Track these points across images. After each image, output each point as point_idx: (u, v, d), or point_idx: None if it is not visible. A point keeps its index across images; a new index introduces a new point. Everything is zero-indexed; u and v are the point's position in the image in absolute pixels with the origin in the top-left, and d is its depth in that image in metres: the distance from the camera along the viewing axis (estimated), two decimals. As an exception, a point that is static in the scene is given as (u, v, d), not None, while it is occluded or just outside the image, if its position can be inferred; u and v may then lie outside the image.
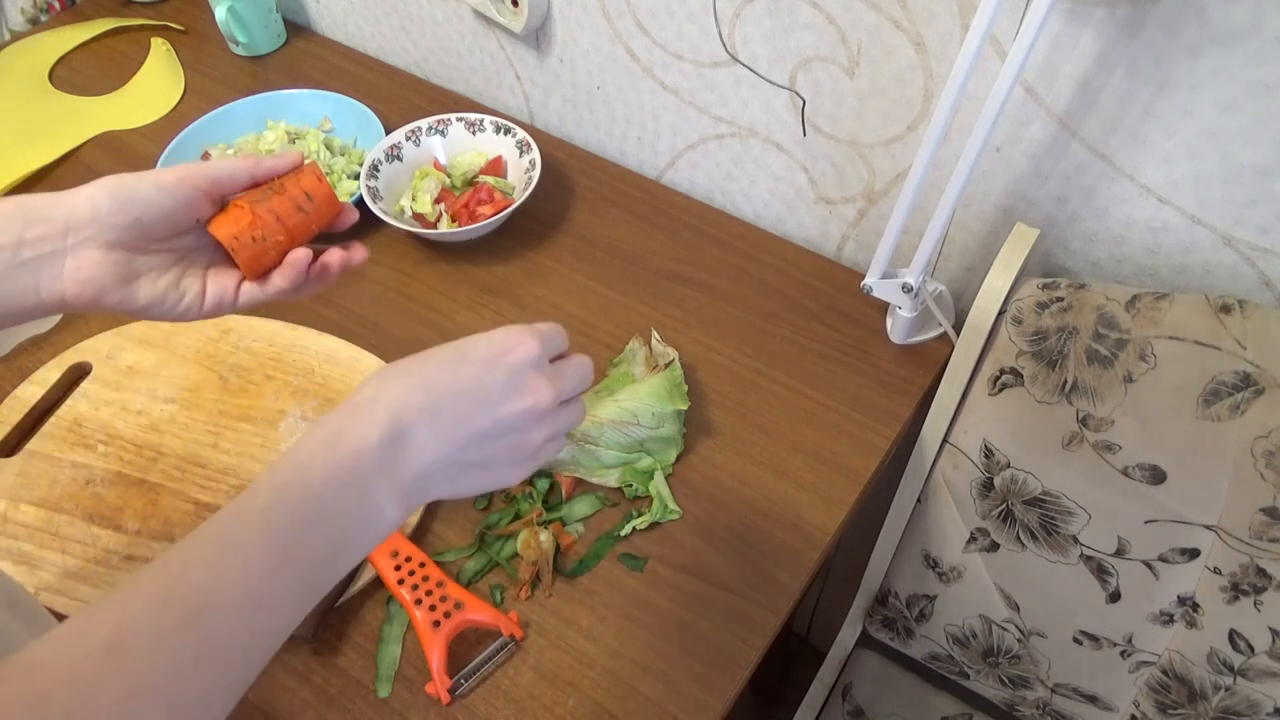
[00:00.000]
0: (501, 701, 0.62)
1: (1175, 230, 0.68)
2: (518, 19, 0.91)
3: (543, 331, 0.49)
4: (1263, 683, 0.73)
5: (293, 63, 1.11)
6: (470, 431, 0.46)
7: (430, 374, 0.46)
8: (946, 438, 0.79)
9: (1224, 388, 0.63)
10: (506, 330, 0.49)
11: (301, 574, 0.42)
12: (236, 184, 0.54)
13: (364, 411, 0.44)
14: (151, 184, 0.50)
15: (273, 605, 0.41)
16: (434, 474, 0.45)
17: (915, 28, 0.70)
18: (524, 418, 0.47)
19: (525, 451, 0.48)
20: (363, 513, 0.43)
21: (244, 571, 0.40)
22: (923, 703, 0.99)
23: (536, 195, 0.90)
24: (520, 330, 0.49)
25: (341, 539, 0.43)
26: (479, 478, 0.48)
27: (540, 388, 0.47)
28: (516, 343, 0.48)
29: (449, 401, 0.45)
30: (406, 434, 0.44)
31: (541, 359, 0.48)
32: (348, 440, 0.43)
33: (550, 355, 0.50)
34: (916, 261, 0.73)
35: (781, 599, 0.67)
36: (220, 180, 0.53)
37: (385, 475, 0.43)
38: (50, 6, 1.20)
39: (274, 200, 0.54)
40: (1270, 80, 0.58)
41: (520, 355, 0.47)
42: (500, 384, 0.46)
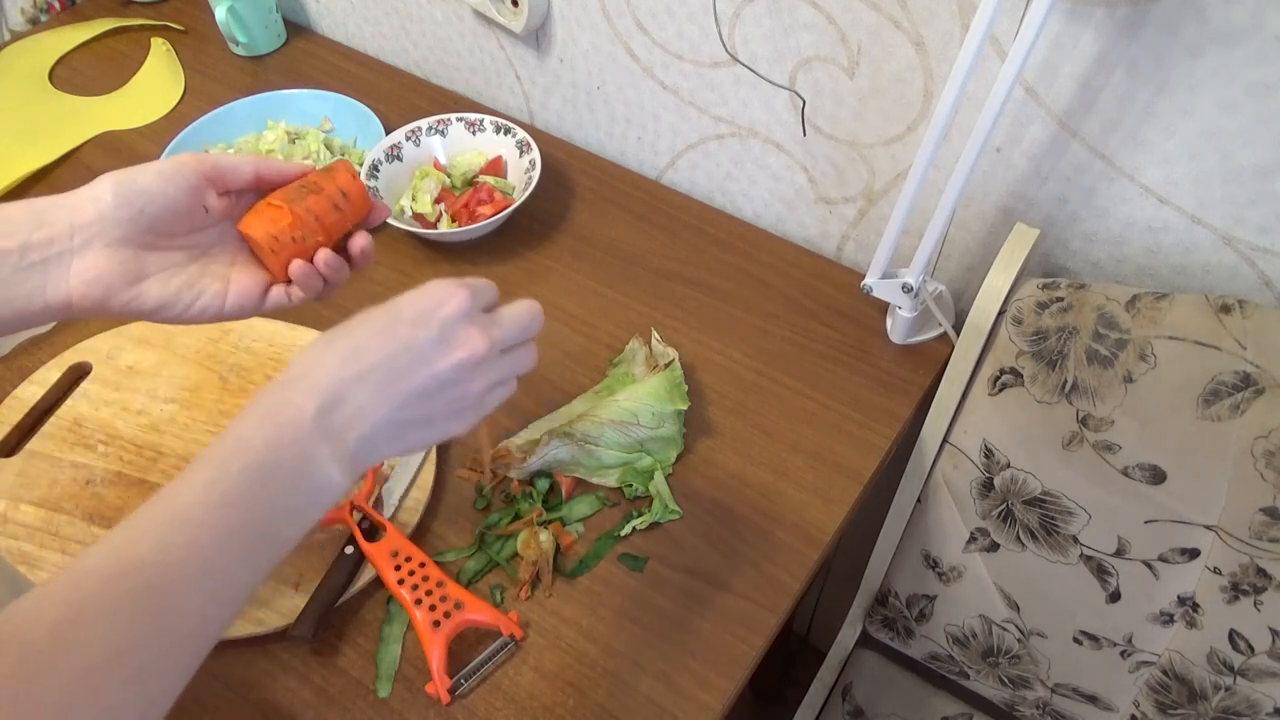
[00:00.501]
0: (501, 701, 0.62)
1: (1175, 230, 0.68)
2: (518, 19, 0.91)
3: (471, 283, 0.49)
4: (1263, 683, 0.73)
5: (293, 63, 1.11)
6: (407, 390, 0.46)
7: (362, 339, 0.47)
8: (946, 438, 0.79)
9: (1224, 388, 0.63)
10: (435, 284, 0.49)
11: (249, 542, 0.42)
12: (241, 177, 0.54)
13: (299, 383, 0.45)
14: (153, 173, 0.50)
15: (223, 575, 0.41)
16: (375, 435, 0.46)
17: (915, 28, 0.70)
18: (459, 370, 0.47)
19: (467, 402, 0.49)
20: (306, 480, 0.44)
21: (191, 545, 0.40)
22: (923, 703, 0.99)
23: (536, 195, 0.90)
24: (448, 283, 0.49)
25: (287, 507, 0.44)
26: (423, 433, 0.48)
27: (473, 338, 0.48)
28: (446, 296, 0.48)
29: (383, 363, 0.46)
30: (343, 400, 0.45)
31: (472, 310, 0.48)
32: (285, 411, 0.44)
33: (483, 305, 0.50)
34: (916, 261, 0.73)
35: (781, 599, 0.67)
36: (224, 171, 0.53)
37: (325, 442, 0.44)
38: (50, 6, 1.20)
39: (311, 199, 0.53)
40: (1270, 80, 0.58)
41: (451, 308, 0.47)
42: (433, 340, 0.47)
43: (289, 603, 0.65)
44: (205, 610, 0.41)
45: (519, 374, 0.52)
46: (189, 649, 0.40)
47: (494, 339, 0.49)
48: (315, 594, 0.64)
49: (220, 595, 0.42)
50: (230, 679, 0.63)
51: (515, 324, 0.51)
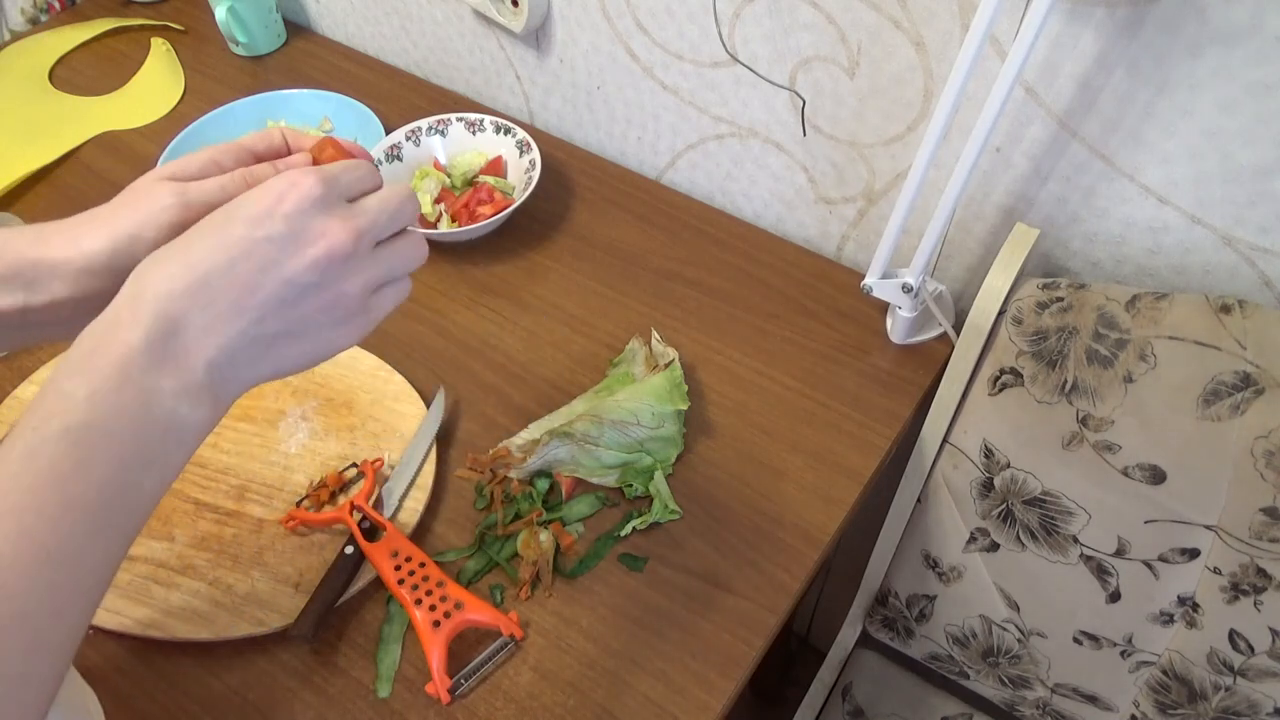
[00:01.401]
0: (501, 701, 0.62)
1: (1175, 230, 0.68)
2: (518, 19, 0.91)
3: (327, 169, 0.43)
4: (1263, 683, 0.73)
5: (293, 63, 1.11)
6: (258, 300, 0.40)
7: (193, 249, 0.40)
8: (946, 438, 0.79)
9: (1224, 388, 0.63)
10: (277, 178, 0.42)
11: (94, 513, 0.37)
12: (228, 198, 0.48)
13: (123, 313, 0.38)
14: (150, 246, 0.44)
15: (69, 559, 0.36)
16: (232, 358, 0.40)
17: (915, 28, 0.70)
18: (317, 269, 0.41)
19: (346, 307, 0.43)
20: (150, 424, 0.38)
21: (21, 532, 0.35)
22: (923, 703, 0.99)
23: (536, 195, 0.90)
24: (292, 173, 0.42)
25: (135, 459, 0.38)
26: (299, 349, 0.42)
27: (330, 229, 0.41)
28: (287, 187, 0.41)
29: (221, 273, 0.39)
30: (178, 324, 0.38)
31: (326, 198, 0.41)
32: (109, 350, 0.38)
33: (344, 193, 0.43)
34: (916, 261, 0.73)
35: (781, 599, 0.67)
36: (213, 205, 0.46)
37: (165, 375, 0.38)
38: (50, 6, 1.20)
39: None
40: (1270, 80, 0.58)
41: (295, 200, 0.41)
42: (278, 237, 0.40)
43: (289, 603, 0.65)
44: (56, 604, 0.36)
45: (408, 269, 0.45)
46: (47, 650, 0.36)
47: (358, 228, 0.42)
48: (315, 594, 0.64)
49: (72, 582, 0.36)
50: (230, 679, 0.63)
51: (382, 210, 0.44)
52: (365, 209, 0.43)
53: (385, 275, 0.44)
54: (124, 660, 0.64)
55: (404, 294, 0.46)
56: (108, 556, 0.38)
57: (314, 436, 0.75)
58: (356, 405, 0.77)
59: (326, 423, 0.76)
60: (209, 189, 0.45)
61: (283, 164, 0.48)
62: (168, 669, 0.64)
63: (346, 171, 0.44)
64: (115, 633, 0.64)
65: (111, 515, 0.38)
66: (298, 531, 0.69)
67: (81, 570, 0.37)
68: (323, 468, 0.73)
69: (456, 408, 0.78)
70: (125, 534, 0.39)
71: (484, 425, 0.76)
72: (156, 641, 0.64)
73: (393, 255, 0.44)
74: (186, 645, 0.64)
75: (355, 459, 0.73)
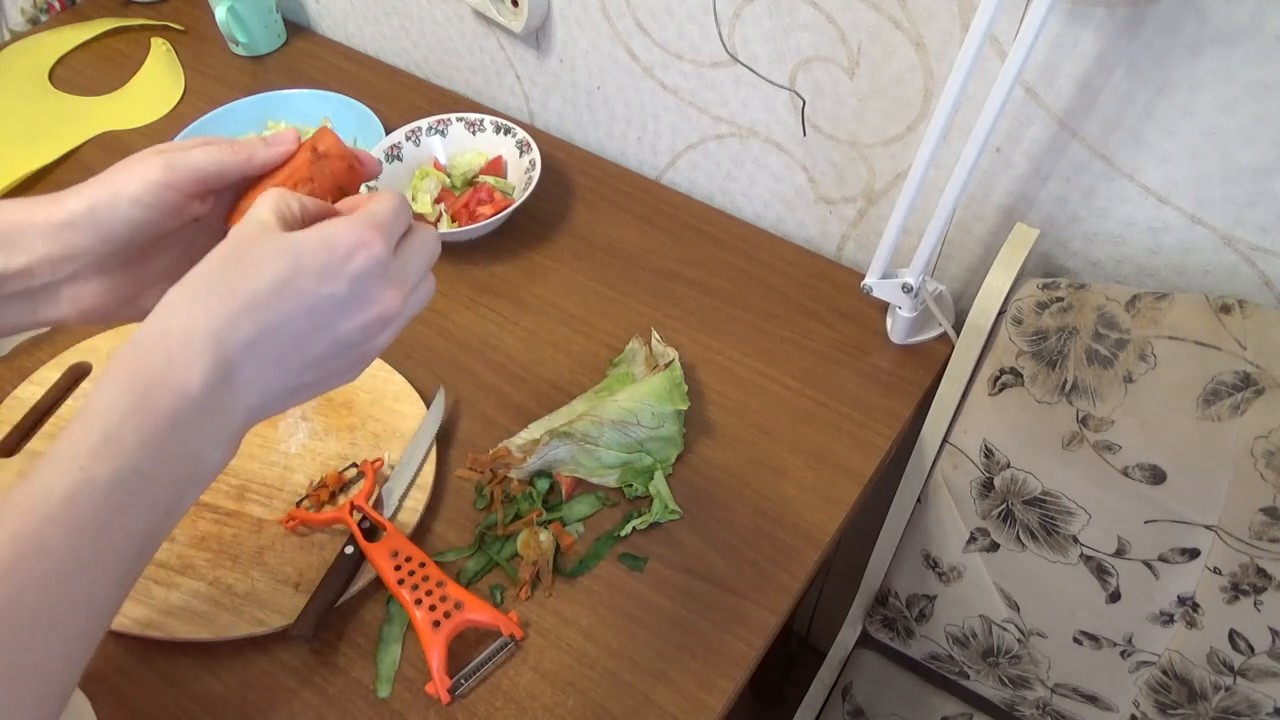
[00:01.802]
0: (501, 701, 0.62)
1: (1175, 230, 0.68)
2: (518, 19, 0.91)
3: (387, 223, 0.42)
4: (1263, 683, 0.73)
5: (293, 63, 1.11)
6: (307, 358, 0.40)
7: (258, 295, 0.38)
8: (946, 438, 0.79)
9: (1224, 388, 0.63)
10: (347, 228, 0.41)
11: (127, 560, 0.36)
12: (227, 180, 0.47)
13: (178, 348, 0.37)
14: (131, 202, 0.44)
15: (88, 604, 0.36)
16: (266, 405, 0.40)
17: (915, 28, 0.70)
18: (367, 332, 0.41)
19: (367, 359, 0.43)
20: (188, 468, 0.37)
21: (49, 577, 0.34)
22: (923, 703, 0.99)
23: (536, 195, 0.90)
24: (362, 227, 0.41)
25: (167, 505, 0.37)
26: (311, 393, 0.43)
27: (388, 297, 0.41)
28: (358, 245, 0.40)
29: (282, 326, 0.38)
30: (234, 372, 0.38)
31: (386, 257, 0.41)
32: (164, 388, 0.36)
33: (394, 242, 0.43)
34: (916, 261, 0.73)
35: (781, 599, 0.67)
36: (208, 180, 0.46)
37: (211, 421, 0.37)
38: (50, 6, 1.20)
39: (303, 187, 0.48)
40: (1270, 80, 0.58)
41: (363, 261, 0.40)
42: (341, 299, 0.40)
43: (289, 603, 0.65)
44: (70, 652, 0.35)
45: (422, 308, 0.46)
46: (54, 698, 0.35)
47: (406, 294, 0.42)
48: (315, 594, 0.64)
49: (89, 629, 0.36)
50: (230, 679, 0.63)
51: (422, 260, 0.44)
52: (413, 271, 0.43)
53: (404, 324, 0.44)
54: (124, 660, 0.64)
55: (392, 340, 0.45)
56: (119, 601, 0.38)
57: (314, 436, 0.75)
58: (356, 405, 0.77)
59: (326, 423, 0.76)
60: (196, 154, 0.45)
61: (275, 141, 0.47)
62: (168, 669, 0.64)
63: (397, 224, 0.43)
64: (115, 633, 0.64)
65: (132, 565, 0.37)
66: (298, 531, 0.69)
67: (98, 619, 0.36)
68: (323, 468, 0.73)
69: (456, 408, 0.78)
70: (135, 579, 0.38)
71: (484, 425, 0.76)
72: (156, 641, 0.64)
73: (416, 300, 0.44)
74: (186, 645, 0.64)
75: (355, 459, 0.73)
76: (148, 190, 0.44)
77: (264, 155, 0.47)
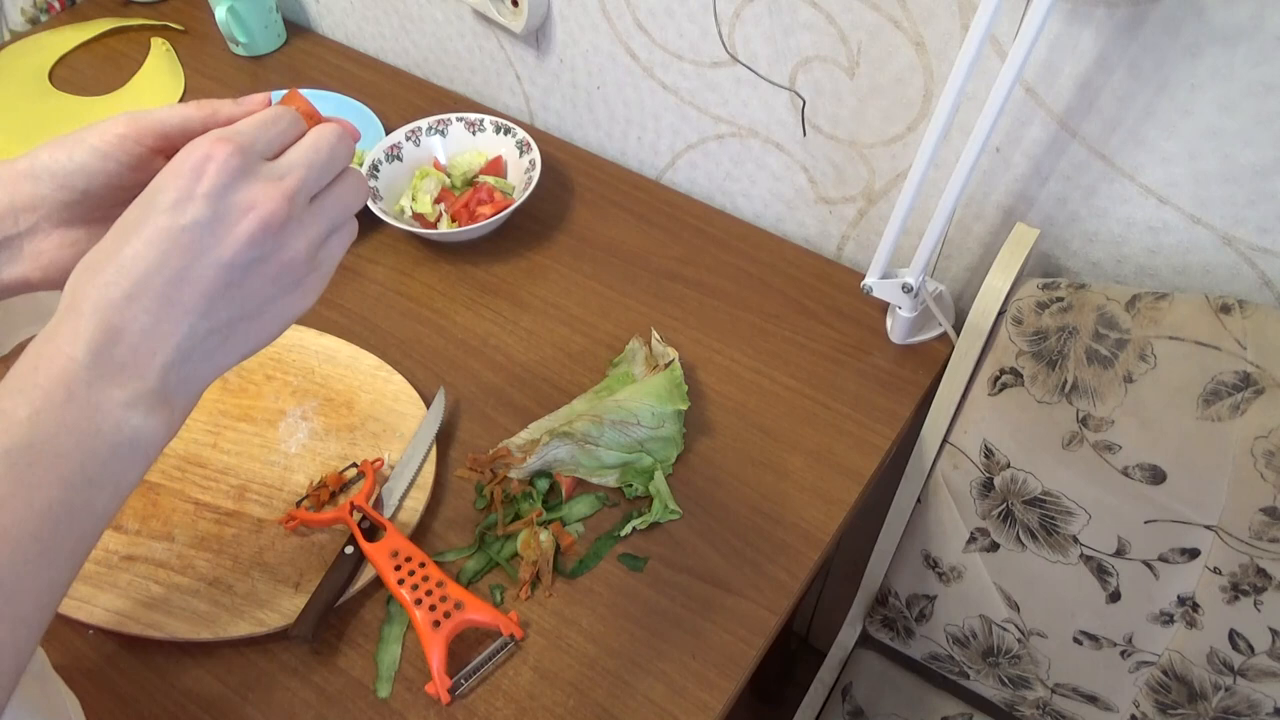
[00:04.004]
0: (501, 701, 0.62)
1: (1175, 230, 0.68)
2: (518, 19, 0.91)
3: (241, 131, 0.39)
4: (1263, 683, 0.73)
5: (293, 63, 1.11)
6: (201, 291, 0.38)
7: (122, 251, 0.37)
8: (946, 438, 0.79)
9: (1224, 388, 0.63)
10: (189, 148, 0.38)
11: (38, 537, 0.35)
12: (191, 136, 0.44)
13: (62, 327, 0.37)
14: (89, 150, 0.43)
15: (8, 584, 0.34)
16: (187, 356, 0.38)
17: (915, 28, 0.70)
18: (255, 244, 0.38)
19: (295, 272, 0.40)
20: (98, 439, 0.36)
21: None
22: (923, 703, 0.99)
23: (536, 195, 0.90)
24: (205, 142, 0.38)
25: (83, 478, 0.36)
26: (256, 327, 0.40)
27: (259, 197, 0.38)
28: (203, 159, 0.38)
29: (155, 271, 0.37)
30: (121, 331, 0.36)
31: (245, 165, 0.39)
32: (50, 364, 0.36)
33: (264, 153, 0.40)
34: (916, 261, 0.73)
35: (781, 599, 0.67)
36: (170, 134, 0.44)
37: (114, 385, 0.36)
38: (50, 6, 1.20)
39: None
40: (1270, 80, 0.58)
41: (213, 175, 0.38)
42: (205, 220, 0.37)
43: (289, 603, 0.65)
44: None
45: (351, 212, 0.43)
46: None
47: (287, 190, 0.39)
48: (315, 594, 0.64)
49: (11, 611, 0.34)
50: (230, 679, 0.63)
51: (311, 163, 0.41)
52: (292, 165, 0.40)
53: (329, 227, 0.42)
54: (124, 660, 0.64)
55: (350, 237, 0.43)
56: (53, 582, 0.36)
57: (314, 436, 0.75)
58: (356, 405, 0.77)
59: (326, 423, 0.76)
60: (161, 111, 0.44)
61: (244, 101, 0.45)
62: (168, 669, 0.64)
63: (262, 129, 0.40)
64: (115, 633, 0.64)
65: (58, 540, 0.36)
66: (298, 531, 0.69)
67: (22, 599, 0.35)
68: (323, 468, 0.73)
69: (456, 408, 0.78)
70: (74, 557, 0.37)
71: (484, 425, 0.76)
72: (156, 641, 0.64)
73: (333, 204, 0.42)
74: (186, 645, 0.64)
75: (355, 459, 0.73)
76: (107, 140, 0.43)
77: (229, 111, 0.45)
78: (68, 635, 0.65)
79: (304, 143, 0.41)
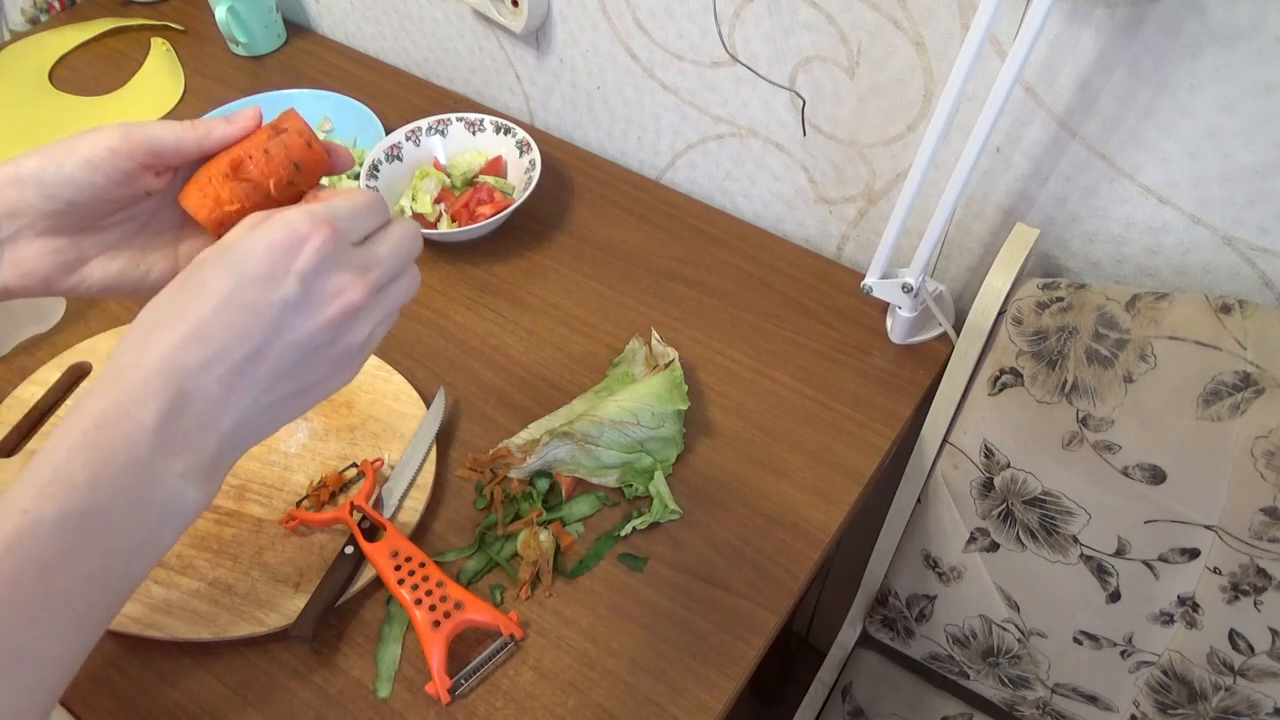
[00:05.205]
0: (501, 701, 0.62)
1: (1175, 230, 0.68)
2: (518, 19, 0.91)
3: (337, 213, 0.40)
4: (1263, 683, 0.73)
5: (293, 63, 1.11)
6: (272, 369, 0.38)
7: (204, 316, 0.37)
8: (946, 438, 0.79)
9: (1224, 388, 0.63)
10: (284, 224, 0.38)
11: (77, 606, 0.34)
12: (183, 156, 0.45)
13: (129, 385, 0.36)
14: (80, 162, 0.42)
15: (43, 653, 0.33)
16: (243, 429, 0.38)
17: (915, 28, 0.70)
18: (332, 329, 0.39)
19: (349, 355, 0.41)
20: (153, 507, 0.36)
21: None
22: (923, 703, 0.99)
23: (536, 195, 0.90)
24: (305, 221, 0.38)
25: (129, 547, 0.35)
26: (302, 402, 0.41)
27: (346, 286, 0.39)
28: (299, 240, 0.38)
29: (234, 343, 0.37)
30: (191, 400, 0.36)
31: (339, 248, 0.39)
32: (116, 426, 0.35)
33: (357, 235, 0.41)
34: (916, 261, 0.73)
35: (781, 599, 0.67)
36: (164, 152, 0.44)
37: (175, 455, 0.36)
38: (50, 6, 1.20)
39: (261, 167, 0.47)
40: (1270, 80, 0.58)
41: (309, 256, 0.38)
42: (294, 301, 0.38)
43: (289, 603, 0.65)
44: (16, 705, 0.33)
45: (404, 302, 0.44)
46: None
47: (374, 283, 0.40)
48: (315, 594, 0.64)
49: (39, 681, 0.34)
50: (230, 679, 0.63)
51: (396, 258, 0.42)
52: (380, 259, 0.41)
53: (386, 315, 0.42)
54: (124, 660, 0.64)
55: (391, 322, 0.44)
56: (82, 648, 0.35)
57: (314, 436, 0.75)
58: (356, 405, 0.77)
59: (326, 423, 0.76)
60: (155, 125, 0.43)
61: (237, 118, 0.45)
62: (168, 669, 0.64)
63: (356, 217, 0.41)
64: (115, 633, 0.64)
65: (93, 609, 0.35)
66: (298, 531, 0.69)
67: (52, 667, 0.34)
68: (323, 468, 0.73)
69: (456, 408, 0.78)
70: (103, 623, 0.36)
71: (484, 425, 0.76)
72: (156, 641, 0.64)
73: (395, 295, 0.42)
74: (186, 645, 0.64)
75: (355, 459, 0.73)
76: (97, 153, 0.43)
77: (222, 132, 0.46)
78: (68, 635, 0.65)
79: (391, 237, 0.42)
